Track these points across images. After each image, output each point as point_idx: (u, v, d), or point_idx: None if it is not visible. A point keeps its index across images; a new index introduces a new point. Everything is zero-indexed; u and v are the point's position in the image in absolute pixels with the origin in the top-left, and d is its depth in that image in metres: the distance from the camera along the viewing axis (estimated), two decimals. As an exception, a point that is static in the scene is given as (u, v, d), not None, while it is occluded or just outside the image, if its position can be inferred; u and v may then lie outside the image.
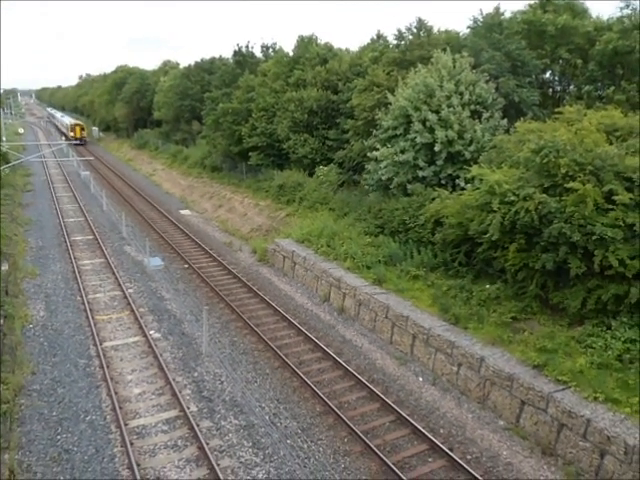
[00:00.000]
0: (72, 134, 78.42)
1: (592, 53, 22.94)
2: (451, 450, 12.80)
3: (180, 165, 51.71)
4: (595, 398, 12.47)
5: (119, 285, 22.60)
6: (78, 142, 77.03)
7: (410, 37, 29.34)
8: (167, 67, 75.28)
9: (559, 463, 12.38)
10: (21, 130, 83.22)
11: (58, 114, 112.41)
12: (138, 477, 11.41)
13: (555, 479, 12.02)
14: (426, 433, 13.30)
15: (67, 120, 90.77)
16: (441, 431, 13.75)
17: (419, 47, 27.42)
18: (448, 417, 14.35)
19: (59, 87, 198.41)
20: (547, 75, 26.86)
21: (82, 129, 79.99)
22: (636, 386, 12.61)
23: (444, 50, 24.46)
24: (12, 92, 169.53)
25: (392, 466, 12.06)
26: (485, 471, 12.24)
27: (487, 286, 17.64)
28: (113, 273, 24.07)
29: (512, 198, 15.80)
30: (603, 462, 11.64)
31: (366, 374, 16.27)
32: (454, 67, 23.56)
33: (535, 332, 15.37)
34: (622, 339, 13.75)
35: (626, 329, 13.97)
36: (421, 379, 16.04)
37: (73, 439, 12.82)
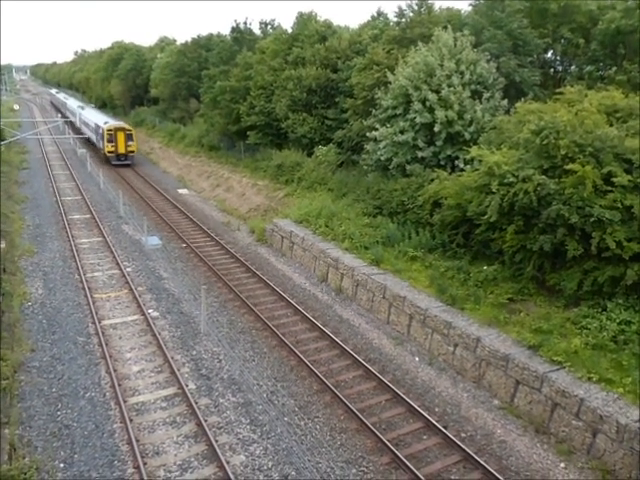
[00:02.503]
0: (110, 147, 44.32)
1: (594, 32, 22.65)
2: (445, 428, 13.00)
3: (177, 144, 51.30)
4: (589, 378, 12.64)
5: (117, 264, 22.62)
6: (121, 160, 44.77)
7: (411, 15, 28.92)
8: (163, 43, 74.29)
9: (552, 441, 12.60)
10: (16, 106, 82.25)
11: (75, 104, 70.37)
12: (137, 452, 11.59)
13: (547, 456, 12.25)
14: (421, 411, 13.49)
15: (98, 119, 50.69)
16: (436, 410, 13.95)
17: (420, 25, 27.02)
18: (443, 396, 14.54)
19: (54, 63, 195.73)
20: (549, 55, 26.58)
21: (130, 136, 44.88)
22: (630, 366, 12.77)
23: (445, 28, 24.12)
24: (7, 68, 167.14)
25: (387, 443, 12.26)
26: (479, 449, 12.46)
27: (484, 267, 17.71)
28: (111, 252, 24.07)
29: (511, 179, 15.77)
30: (595, 440, 11.85)
31: (363, 353, 16.42)
32: (455, 46, 23.26)
33: (531, 313, 15.49)
34: (617, 320, 13.87)
35: (621, 311, 14.09)
36: (417, 359, 16.20)
37: (73, 415, 12.97)
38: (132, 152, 44.83)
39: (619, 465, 11.38)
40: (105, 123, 45.62)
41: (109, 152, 43.97)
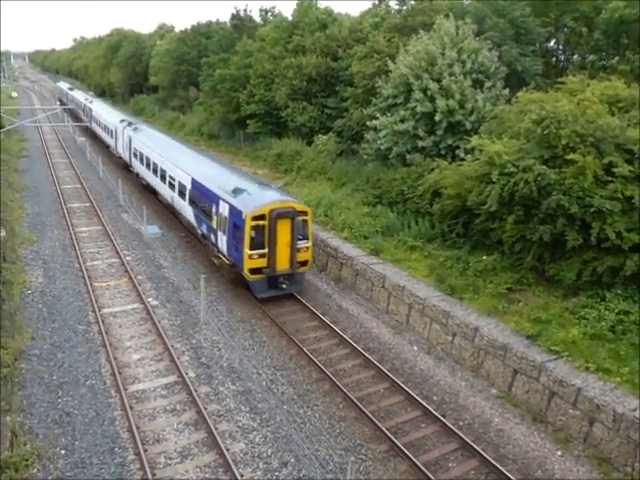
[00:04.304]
0: (258, 258, 17.31)
1: (597, 22, 22.44)
2: (444, 416, 13.09)
3: (177, 132, 50.99)
4: (587, 368, 12.71)
5: (117, 252, 22.62)
6: (279, 288, 18.17)
7: (412, 2, 28.68)
8: (163, 30, 73.64)
9: (549, 430, 12.69)
10: (15, 94, 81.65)
11: (110, 115, 41.75)
12: (138, 439, 11.68)
13: (544, 445, 12.34)
14: (420, 400, 13.58)
15: (183, 162, 24.16)
16: (434, 398, 14.03)
17: (421, 13, 26.80)
18: (442, 385, 14.62)
19: (53, 50, 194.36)
20: (551, 44, 26.39)
21: (301, 226, 18.03)
22: (627, 356, 12.84)
23: (447, 16, 23.91)
24: (5, 55, 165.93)
25: (386, 431, 12.35)
26: (477, 437, 12.55)
27: (484, 257, 17.73)
28: (111, 240, 24.06)
29: (511, 169, 15.73)
30: (592, 429, 11.94)
31: (362, 343, 16.48)
32: (457, 34, 23.08)
33: (530, 303, 15.54)
34: (615, 311, 13.93)
35: (620, 301, 14.15)
36: (416, 348, 16.27)
37: (73, 402, 13.05)
38: (305, 264, 18.65)
39: (615, 453, 11.48)
40: (228, 190, 18.87)
41: (252, 271, 17.59)
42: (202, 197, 20.62)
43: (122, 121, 36.53)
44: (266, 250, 17.27)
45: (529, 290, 16.16)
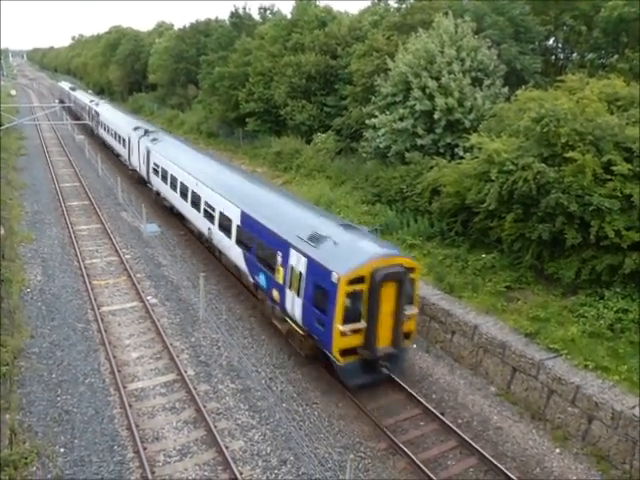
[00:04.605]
0: (350, 333, 12.68)
1: (597, 20, 22.46)
2: (443, 414, 13.11)
3: (176, 130, 50.90)
4: (585, 366, 12.74)
5: (116, 251, 22.61)
6: (376, 375, 13.37)
7: (411, 0, 28.64)
8: (162, 28, 73.50)
9: (547, 427, 12.72)
10: (13, 92, 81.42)
11: (124, 123, 36.01)
12: (137, 437, 11.69)
13: (543, 442, 12.37)
14: (419, 398, 13.59)
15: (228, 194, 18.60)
16: (433, 396, 14.05)
17: (420, 11, 26.79)
18: (441, 383, 14.64)
19: (51, 48, 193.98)
20: (550, 42, 26.41)
21: (408, 287, 13.21)
22: (626, 354, 12.87)
23: (446, 14, 23.90)
24: (4, 52, 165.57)
25: (385, 429, 12.36)
26: (475, 435, 12.57)
27: (483, 255, 17.73)
28: (110, 239, 24.04)
29: (511, 167, 15.74)
30: (590, 427, 11.97)
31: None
32: (456, 32, 23.08)
33: (529, 301, 15.55)
34: (614, 309, 13.95)
35: (618, 299, 14.17)
36: (415, 346, 16.27)
37: (73, 401, 13.05)
38: (409, 335, 14.24)
39: (614, 451, 11.51)
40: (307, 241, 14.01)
41: (344, 352, 13.03)
42: (259, 238, 16.04)
43: (136, 129, 31.80)
44: (364, 324, 12.74)
45: (528, 288, 16.17)
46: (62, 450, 11.49)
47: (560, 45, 26.51)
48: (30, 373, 13.96)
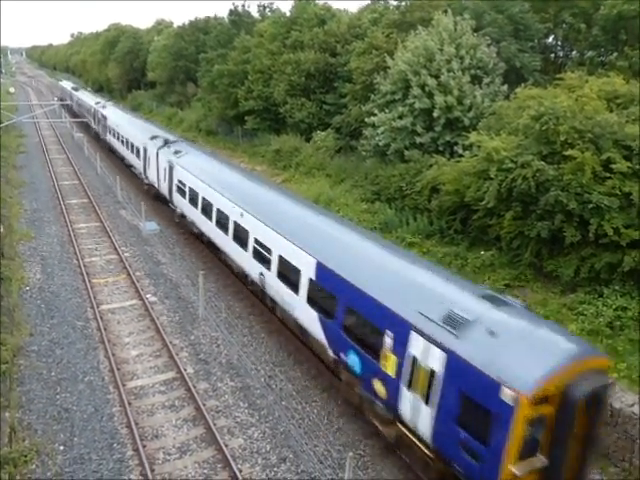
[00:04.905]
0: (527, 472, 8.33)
1: (596, 18, 22.43)
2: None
3: (175, 128, 50.82)
4: (584, 364, 12.73)
5: (115, 249, 22.60)
6: None
7: (411, -2, 28.61)
8: (161, 26, 73.38)
9: (546, 425, 12.72)
10: (12, 89, 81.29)
11: (141, 132, 31.07)
12: (137, 435, 11.70)
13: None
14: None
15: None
16: None
17: (420, 9, 26.76)
18: (440, 381, 14.63)
19: (50, 45, 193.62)
20: (550, 40, 26.40)
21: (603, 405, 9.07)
22: (625, 352, 12.88)
23: (445, 12, 23.88)
24: (3, 50, 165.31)
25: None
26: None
27: (482, 253, 17.76)
28: (109, 237, 24.03)
29: (510, 165, 15.74)
30: (589, 424, 11.96)
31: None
32: (455, 30, 23.05)
33: (528, 299, 15.54)
34: (613, 307, 13.96)
35: (617, 297, 14.18)
36: None
37: (72, 399, 13.06)
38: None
39: (613, 448, 11.53)
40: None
41: None
42: (349, 304, 11.74)
43: (154, 137, 27.34)
44: (544, 461, 8.64)
45: (527, 286, 16.19)
46: (61, 448, 11.50)
47: (559, 43, 26.50)
48: (29, 371, 13.97)
